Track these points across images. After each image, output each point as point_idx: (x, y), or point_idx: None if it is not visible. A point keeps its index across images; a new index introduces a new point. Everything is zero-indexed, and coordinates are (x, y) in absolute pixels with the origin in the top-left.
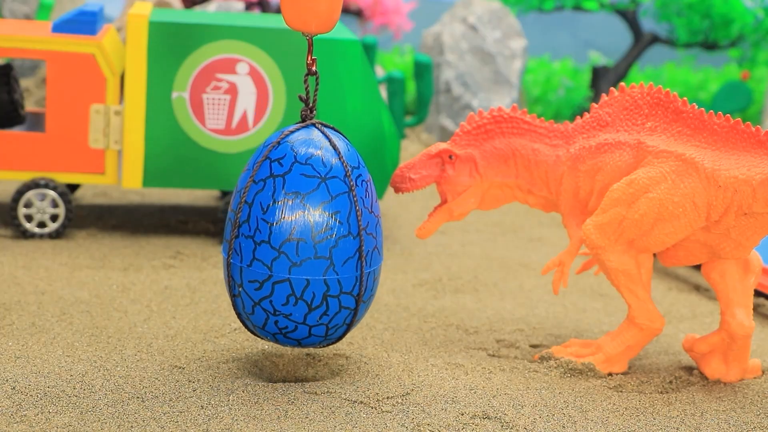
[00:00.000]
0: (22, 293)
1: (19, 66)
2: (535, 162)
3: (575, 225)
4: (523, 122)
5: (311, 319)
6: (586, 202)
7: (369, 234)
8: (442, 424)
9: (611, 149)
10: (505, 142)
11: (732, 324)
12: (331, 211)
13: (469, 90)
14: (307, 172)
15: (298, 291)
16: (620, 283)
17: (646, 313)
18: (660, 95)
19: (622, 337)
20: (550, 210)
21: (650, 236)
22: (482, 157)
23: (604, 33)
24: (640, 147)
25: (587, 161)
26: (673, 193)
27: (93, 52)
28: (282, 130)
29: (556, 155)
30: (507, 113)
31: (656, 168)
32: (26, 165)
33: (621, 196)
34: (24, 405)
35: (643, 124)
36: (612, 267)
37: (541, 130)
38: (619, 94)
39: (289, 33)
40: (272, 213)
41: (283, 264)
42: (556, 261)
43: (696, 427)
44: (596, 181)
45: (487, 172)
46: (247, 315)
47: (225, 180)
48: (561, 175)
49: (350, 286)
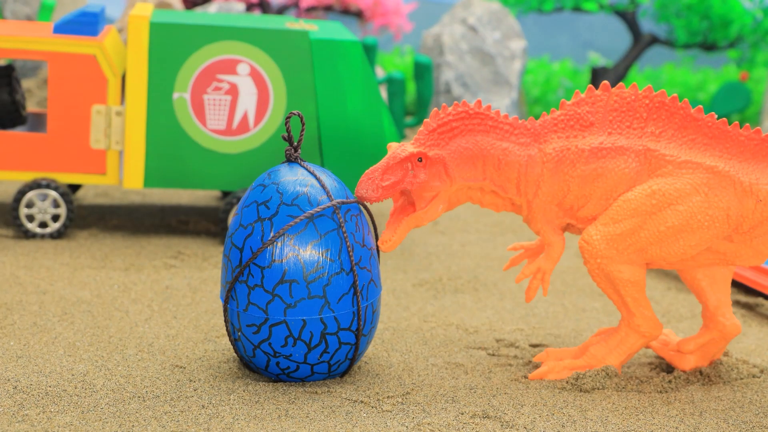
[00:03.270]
0: (23, 293)
1: (21, 67)
2: (505, 163)
3: (551, 231)
4: (488, 118)
5: (312, 357)
6: (573, 207)
7: (363, 268)
8: (442, 423)
9: (612, 154)
10: (471, 140)
11: (727, 325)
12: (321, 250)
13: (468, 90)
14: (294, 213)
15: (295, 332)
16: (627, 293)
17: (650, 322)
18: (664, 100)
19: (625, 346)
20: (504, 210)
21: (670, 248)
22: (451, 158)
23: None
24: (649, 154)
25: (581, 165)
26: (708, 207)
27: (94, 53)
28: (267, 172)
29: (527, 155)
30: (472, 109)
31: (683, 180)
32: (28, 165)
33: (640, 207)
34: (26, 404)
35: (642, 129)
36: (622, 278)
37: (507, 127)
38: (602, 93)
39: (290, 34)
40: (263, 257)
41: (278, 306)
42: (533, 268)
43: (695, 427)
44: (596, 187)
45: (457, 174)
46: (249, 358)
47: (226, 180)
48: (537, 178)
49: (348, 322)
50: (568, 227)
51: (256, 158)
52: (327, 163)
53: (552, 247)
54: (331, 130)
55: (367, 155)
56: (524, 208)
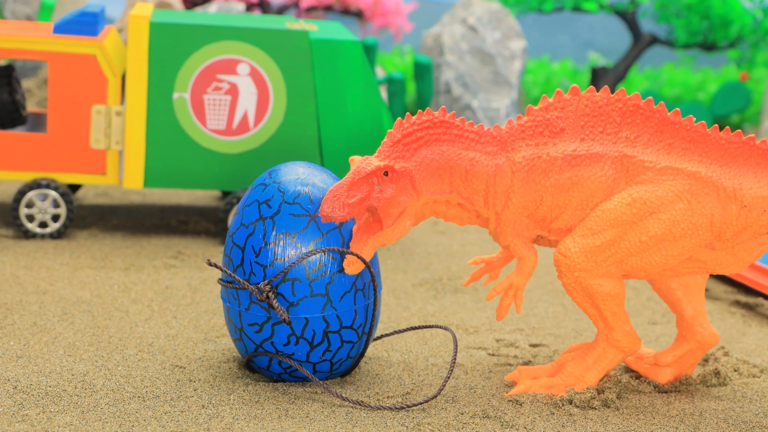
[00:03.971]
0: (23, 293)
1: (21, 67)
2: (473, 174)
3: (522, 244)
4: (453, 126)
5: (314, 356)
6: (545, 219)
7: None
8: (442, 423)
9: (587, 162)
10: (437, 150)
11: (705, 335)
12: (323, 248)
13: (468, 91)
14: (295, 212)
15: (298, 330)
16: (606, 308)
17: (629, 337)
18: (638, 103)
19: (603, 363)
20: (468, 224)
21: (651, 258)
22: (417, 171)
23: (603, 34)
24: (626, 160)
25: (554, 174)
26: (691, 214)
27: (94, 53)
28: (268, 171)
29: (495, 164)
30: (436, 117)
31: (665, 186)
32: (28, 165)
33: (619, 216)
34: (26, 404)
35: (617, 134)
36: (602, 292)
37: (472, 135)
38: (571, 97)
39: (290, 34)
40: (265, 255)
41: (280, 305)
42: (504, 285)
43: (695, 427)
44: (571, 197)
45: (423, 188)
46: (251, 357)
47: (226, 180)
48: (507, 189)
49: (350, 320)
50: (538, 239)
51: (256, 158)
52: (327, 163)
53: (524, 261)
54: (331, 130)
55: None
56: (492, 221)
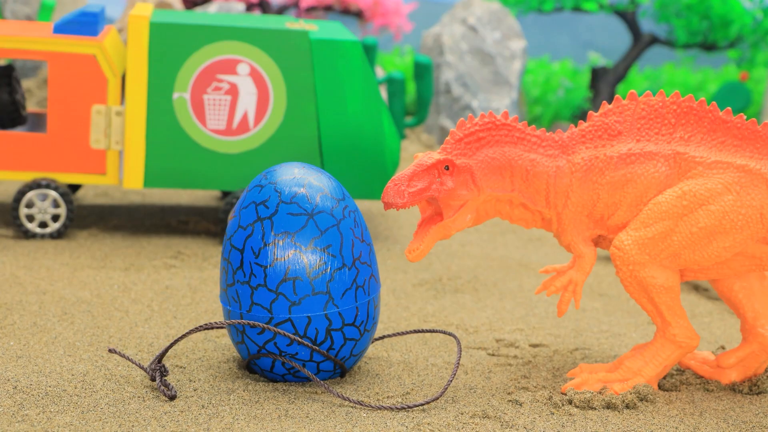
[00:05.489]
0: (23, 293)
1: (21, 67)
2: (534, 173)
3: (582, 242)
4: (516, 130)
5: (318, 355)
6: (603, 216)
7: (363, 263)
8: (442, 423)
9: (641, 160)
10: (499, 151)
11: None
12: (322, 246)
13: (468, 91)
14: (293, 211)
15: (301, 329)
16: (661, 301)
17: (687, 331)
18: (692, 104)
19: (661, 357)
20: (533, 226)
21: (703, 250)
22: (478, 167)
23: (603, 34)
24: (679, 157)
25: (609, 173)
26: (740, 206)
27: (94, 53)
28: (263, 173)
29: (556, 166)
30: (499, 120)
31: (714, 179)
32: (28, 165)
33: (670, 209)
34: (25, 404)
35: (671, 134)
36: (656, 284)
37: (534, 139)
38: (629, 102)
39: (290, 34)
40: (264, 256)
41: (282, 304)
42: (564, 281)
43: (695, 426)
44: (625, 193)
45: (484, 184)
46: (254, 360)
47: (226, 180)
48: (566, 188)
49: (352, 317)
50: (600, 240)
51: (256, 158)
52: (327, 163)
53: (583, 259)
54: (331, 130)
55: (367, 155)
56: (554, 221)
